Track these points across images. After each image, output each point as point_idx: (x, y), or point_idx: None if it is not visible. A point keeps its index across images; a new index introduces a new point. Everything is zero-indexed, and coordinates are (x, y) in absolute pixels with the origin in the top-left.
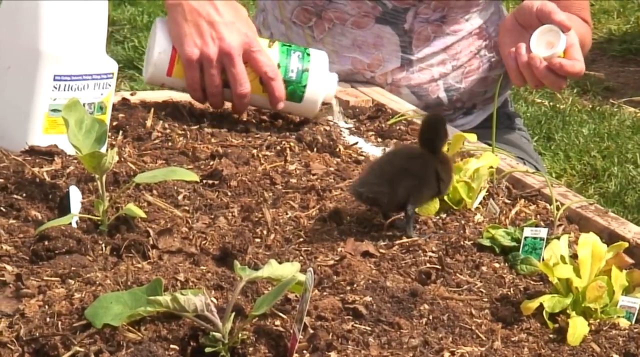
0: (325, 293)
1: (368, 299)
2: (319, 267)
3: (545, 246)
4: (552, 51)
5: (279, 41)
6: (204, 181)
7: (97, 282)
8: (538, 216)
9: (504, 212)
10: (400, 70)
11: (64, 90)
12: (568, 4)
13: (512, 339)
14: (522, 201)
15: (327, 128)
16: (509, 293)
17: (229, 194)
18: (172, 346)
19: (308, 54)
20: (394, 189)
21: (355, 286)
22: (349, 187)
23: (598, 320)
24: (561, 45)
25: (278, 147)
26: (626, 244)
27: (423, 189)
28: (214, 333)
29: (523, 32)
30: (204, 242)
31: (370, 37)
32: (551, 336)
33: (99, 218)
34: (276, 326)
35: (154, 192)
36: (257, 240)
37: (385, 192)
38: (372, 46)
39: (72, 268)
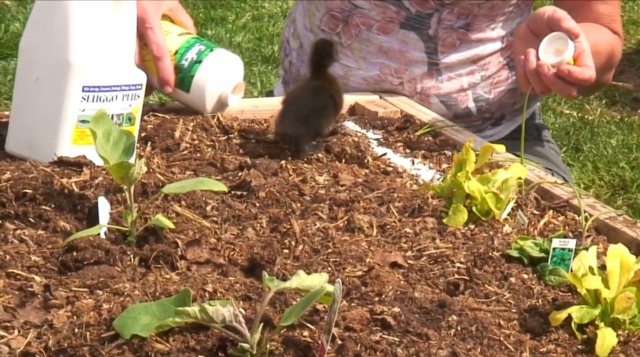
0: (353, 304)
1: (396, 309)
2: (347, 278)
3: (574, 257)
4: (560, 58)
5: (196, 37)
6: (232, 192)
7: (126, 293)
8: (566, 227)
9: (533, 223)
10: (430, 78)
11: (93, 101)
12: (596, 16)
13: (541, 350)
14: (551, 211)
15: (356, 139)
16: (537, 304)
17: (257, 205)
18: (200, 356)
19: (211, 50)
20: (311, 127)
21: (383, 296)
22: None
23: (627, 331)
24: (569, 52)
25: (306, 158)
26: None
27: (330, 118)
28: (242, 344)
29: (535, 40)
30: (232, 253)
31: (395, 43)
32: (579, 347)
33: (127, 229)
34: (304, 336)
35: (183, 203)
36: (286, 251)
37: (304, 131)
38: (398, 52)
39: (101, 279)
